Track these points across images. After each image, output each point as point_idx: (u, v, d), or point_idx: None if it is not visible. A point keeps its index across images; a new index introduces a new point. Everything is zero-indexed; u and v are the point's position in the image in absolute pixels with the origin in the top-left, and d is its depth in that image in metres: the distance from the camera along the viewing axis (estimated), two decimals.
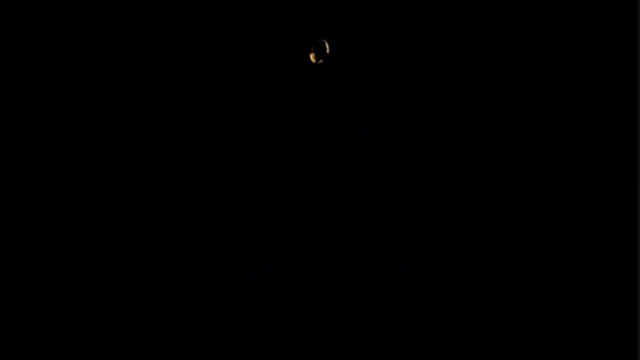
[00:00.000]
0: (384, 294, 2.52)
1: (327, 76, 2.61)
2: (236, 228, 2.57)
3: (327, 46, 2.56)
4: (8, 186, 2.54)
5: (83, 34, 2.59)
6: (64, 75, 2.58)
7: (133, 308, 2.51)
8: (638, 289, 2.46)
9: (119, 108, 2.59)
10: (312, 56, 2.58)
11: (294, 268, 2.54)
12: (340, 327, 2.51)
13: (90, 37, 2.59)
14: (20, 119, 2.57)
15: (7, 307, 2.50)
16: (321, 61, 2.57)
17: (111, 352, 2.49)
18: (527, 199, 2.54)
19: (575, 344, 2.47)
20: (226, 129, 2.60)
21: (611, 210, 2.52)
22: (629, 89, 2.54)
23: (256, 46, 2.61)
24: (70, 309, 2.51)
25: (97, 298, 2.51)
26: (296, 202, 2.57)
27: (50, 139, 2.56)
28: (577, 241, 2.51)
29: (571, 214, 2.52)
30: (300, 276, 2.54)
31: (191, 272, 2.54)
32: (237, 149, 2.59)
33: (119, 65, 2.59)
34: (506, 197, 2.55)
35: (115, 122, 2.58)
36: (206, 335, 2.51)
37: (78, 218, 2.54)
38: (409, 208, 2.56)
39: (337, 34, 2.60)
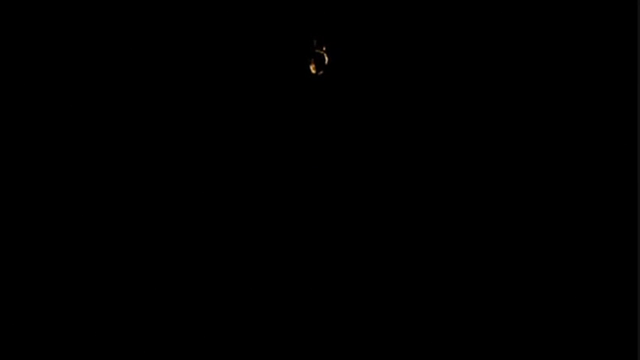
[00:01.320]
0: (384, 294, 2.52)
1: (327, 77, 2.62)
2: (236, 228, 2.57)
3: (326, 58, 2.57)
4: (8, 186, 2.54)
5: (83, 34, 2.59)
6: (64, 75, 2.58)
7: (133, 308, 2.52)
8: (638, 289, 2.46)
9: (119, 108, 2.59)
10: (312, 67, 2.59)
11: (294, 267, 2.54)
12: (340, 327, 2.51)
13: (90, 37, 2.59)
14: (20, 119, 2.57)
15: (7, 307, 2.50)
16: (321, 72, 2.58)
17: (111, 352, 2.49)
18: (527, 198, 2.54)
19: (575, 344, 2.47)
20: (226, 129, 2.60)
21: (611, 210, 2.52)
22: (629, 89, 2.54)
23: (257, 46, 2.61)
24: (70, 309, 2.51)
25: (97, 298, 2.52)
26: (296, 202, 2.57)
27: (50, 139, 2.56)
28: (577, 240, 2.51)
29: (571, 214, 2.52)
30: (300, 276, 2.54)
31: (191, 272, 2.54)
32: (237, 149, 2.59)
33: (119, 65, 2.59)
34: (506, 197, 2.55)
35: (115, 122, 2.58)
36: (206, 335, 2.51)
37: (78, 218, 2.54)
38: (409, 207, 2.56)
39: (337, 32, 2.61)
